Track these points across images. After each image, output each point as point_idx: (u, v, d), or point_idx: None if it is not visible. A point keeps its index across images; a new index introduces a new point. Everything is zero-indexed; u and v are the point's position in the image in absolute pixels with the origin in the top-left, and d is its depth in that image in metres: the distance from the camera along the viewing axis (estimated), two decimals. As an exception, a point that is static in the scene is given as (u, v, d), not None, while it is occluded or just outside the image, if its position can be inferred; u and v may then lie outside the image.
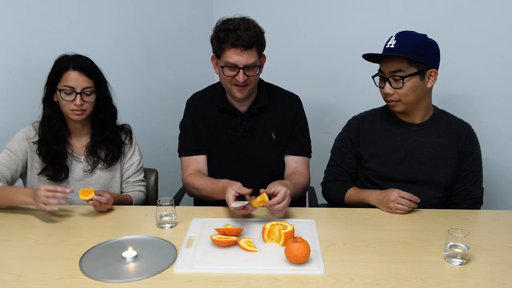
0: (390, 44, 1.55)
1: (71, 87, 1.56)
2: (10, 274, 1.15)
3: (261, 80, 1.77)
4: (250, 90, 1.65)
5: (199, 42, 2.67)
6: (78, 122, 1.66)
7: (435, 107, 1.69)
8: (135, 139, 1.82)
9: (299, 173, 1.72)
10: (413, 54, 1.51)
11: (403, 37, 1.54)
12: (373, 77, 1.63)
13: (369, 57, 1.61)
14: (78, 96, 1.57)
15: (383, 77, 1.59)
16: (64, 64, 1.58)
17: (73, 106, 1.57)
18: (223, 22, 1.60)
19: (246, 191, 1.42)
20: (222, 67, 1.59)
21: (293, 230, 1.31)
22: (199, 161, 1.74)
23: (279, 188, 1.41)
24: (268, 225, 1.32)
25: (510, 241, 1.33)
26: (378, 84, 1.62)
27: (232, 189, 1.41)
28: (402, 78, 1.53)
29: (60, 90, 1.57)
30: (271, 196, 1.41)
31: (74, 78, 1.56)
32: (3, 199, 1.53)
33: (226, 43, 1.54)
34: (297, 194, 1.64)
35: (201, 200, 1.76)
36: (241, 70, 1.56)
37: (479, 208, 1.66)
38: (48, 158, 1.64)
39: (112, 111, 1.73)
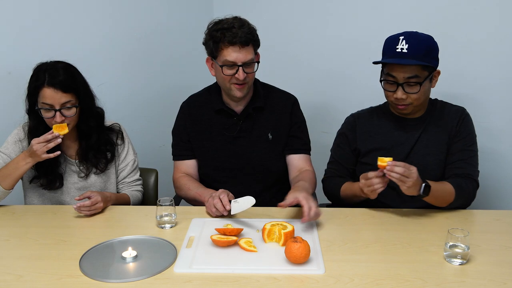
0: (402, 48, 1.51)
1: (49, 104, 1.50)
2: (10, 274, 1.15)
3: (257, 80, 1.77)
4: (248, 88, 1.66)
5: (199, 41, 2.67)
6: None
7: (429, 99, 1.69)
8: (128, 138, 1.79)
9: (305, 171, 1.73)
10: (428, 59, 1.51)
11: (413, 40, 1.51)
12: (381, 81, 1.60)
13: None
14: (57, 113, 1.51)
15: (394, 82, 1.55)
16: (40, 79, 1.50)
17: (55, 123, 1.52)
18: (215, 23, 1.60)
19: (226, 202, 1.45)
20: (221, 66, 1.59)
21: (293, 230, 1.31)
22: (188, 166, 1.79)
23: (297, 196, 1.40)
24: (268, 225, 1.33)
25: (510, 241, 1.33)
26: (385, 88, 1.59)
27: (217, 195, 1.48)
28: (420, 84, 1.52)
29: (39, 108, 1.52)
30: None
31: (50, 96, 1.49)
32: (7, 177, 1.53)
33: (223, 41, 1.55)
34: (313, 190, 1.67)
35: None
36: (240, 68, 1.57)
37: (475, 187, 1.58)
38: (41, 169, 1.62)
39: (96, 118, 1.67)
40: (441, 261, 1.21)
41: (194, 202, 1.70)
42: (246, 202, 1.42)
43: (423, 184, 1.43)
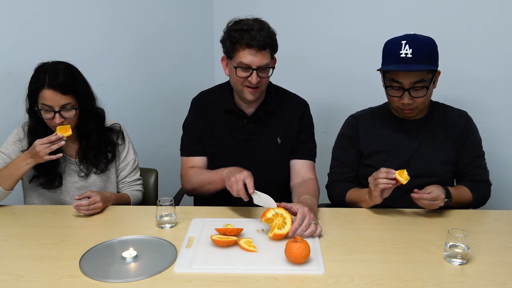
0: (406, 53, 1.49)
1: (49, 105, 1.50)
2: (10, 274, 1.15)
3: (270, 84, 1.74)
4: (260, 92, 1.63)
5: (200, 42, 2.68)
6: None
7: (430, 101, 1.69)
8: (128, 138, 1.79)
9: (308, 180, 1.69)
10: (432, 62, 1.51)
11: (416, 43, 1.49)
12: (386, 87, 1.59)
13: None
14: (57, 114, 1.51)
15: (399, 87, 1.54)
16: (40, 80, 1.50)
17: (54, 124, 1.52)
18: (235, 22, 1.57)
19: (250, 188, 1.39)
20: (235, 67, 1.56)
21: (287, 233, 1.29)
22: (198, 162, 1.73)
23: (298, 207, 1.35)
24: (269, 214, 1.32)
25: (510, 241, 1.33)
26: (391, 94, 1.58)
27: (243, 176, 1.41)
28: (426, 87, 1.52)
29: (39, 109, 1.53)
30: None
31: (50, 97, 1.49)
32: (7, 177, 1.54)
33: (240, 43, 1.51)
34: (317, 204, 1.60)
35: (201, 199, 1.75)
36: (254, 71, 1.54)
37: (490, 188, 1.68)
38: (40, 169, 1.62)
39: (96, 119, 1.67)
40: (441, 261, 1.21)
41: (207, 186, 1.62)
42: (268, 202, 1.39)
43: (445, 200, 1.49)
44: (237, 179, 1.41)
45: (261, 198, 1.40)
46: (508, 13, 2.01)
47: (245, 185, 1.41)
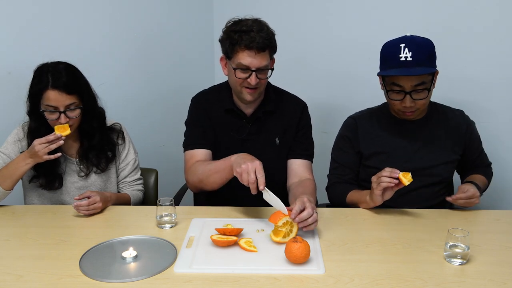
0: (406, 57, 1.48)
1: (54, 106, 1.50)
2: (10, 274, 1.15)
3: (269, 84, 1.73)
4: (259, 93, 1.62)
5: (200, 42, 2.68)
6: None
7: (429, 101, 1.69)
8: (129, 137, 1.79)
9: (306, 180, 1.68)
10: (431, 63, 1.51)
11: (415, 46, 1.49)
12: (387, 91, 1.58)
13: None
14: (62, 115, 1.51)
15: (400, 91, 1.53)
16: (43, 82, 1.50)
17: (59, 124, 1.52)
18: (234, 23, 1.56)
19: (261, 185, 1.35)
20: (234, 69, 1.55)
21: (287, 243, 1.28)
22: (203, 155, 1.67)
23: (304, 201, 1.33)
24: (280, 222, 1.30)
25: (510, 241, 1.33)
26: (392, 98, 1.57)
27: (256, 165, 1.36)
28: (428, 89, 1.52)
29: (43, 111, 1.52)
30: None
31: (54, 98, 1.49)
32: (7, 177, 1.54)
33: (239, 44, 1.50)
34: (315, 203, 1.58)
35: (202, 198, 1.75)
36: (253, 73, 1.53)
37: (491, 171, 1.82)
38: (40, 170, 1.62)
39: (98, 118, 1.68)
40: (441, 261, 1.21)
41: (214, 175, 1.53)
42: (278, 204, 1.36)
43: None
44: (249, 169, 1.35)
45: (271, 197, 1.37)
46: (508, 13, 2.01)
47: None
